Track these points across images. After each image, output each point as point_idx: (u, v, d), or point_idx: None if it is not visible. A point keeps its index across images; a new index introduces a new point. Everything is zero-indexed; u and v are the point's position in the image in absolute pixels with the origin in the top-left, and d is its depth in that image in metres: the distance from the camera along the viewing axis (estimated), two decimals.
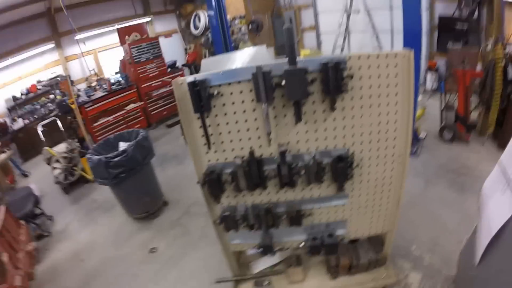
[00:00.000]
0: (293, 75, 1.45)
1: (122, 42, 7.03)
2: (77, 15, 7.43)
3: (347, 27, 7.11)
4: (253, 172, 1.68)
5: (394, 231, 2.13)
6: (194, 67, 8.26)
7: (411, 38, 3.42)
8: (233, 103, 1.63)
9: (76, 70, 7.98)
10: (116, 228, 3.90)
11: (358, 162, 1.75)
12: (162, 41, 7.64)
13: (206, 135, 1.66)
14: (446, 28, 6.56)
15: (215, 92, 1.58)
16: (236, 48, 7.61)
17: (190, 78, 1.55)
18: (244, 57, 1.90)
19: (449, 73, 4.47)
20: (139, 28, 7.49)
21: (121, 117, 6.54)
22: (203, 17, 8.62)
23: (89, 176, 4.98)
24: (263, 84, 1.48)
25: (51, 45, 7.43)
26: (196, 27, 8.94)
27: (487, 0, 4.93)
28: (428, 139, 4.47)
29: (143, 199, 3.76)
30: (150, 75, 7.08)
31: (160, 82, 7.18)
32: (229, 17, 7.86)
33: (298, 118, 1.54)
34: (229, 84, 1.59)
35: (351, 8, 6.84)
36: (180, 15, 9.72)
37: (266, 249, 2.01)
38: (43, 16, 7.18)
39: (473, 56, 5.25)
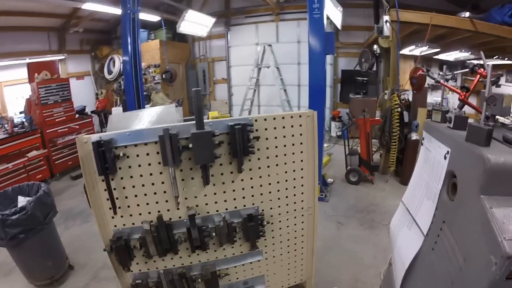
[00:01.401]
0: (200, 138, 1.45)
1: (31, 79, 6.35)
2: None
3: (257, 81, 7.76)
4: (162, 237, 1.57)
5: (313, 278, 2.18)
6: (103, 114, 7.84)
7: (316, 91, 3.82)
8: (139, 165, 1.54)
9: None
10: None
11: (269, 219, 1.78)
12: (73, 83, 7.18)
13: (112, 199, 1.53)
14: (348, 81, 7.60)
15: (121, 154, 1.49)
16: (148, 97, 7.56)
17: (95, 137, 1.45)
18: (152, 116, 1.85)
19: (351, 122, 5.08)
20: (51, 66, 6.88)
21: (21, 165, 5.67)
22: (118, 62, 8.43)
23: None
24: (170, 146, 1.45)
25: None
26: (110, 72, 8.66)
27: (384, 55, 5.87)
28: (335, 183, 4.87)
29: (46, 263, 3.23)
30: (57, 119, 6.42)
31: (66, 129, 6.57)
32: (143, 65, 7.84)
33: (206, 181, 1.52)
34: (135, 145, 1.52)
35: (262, 63, 7.51)
36: (95, 57, 9.32)
37: None
38: None
39: (372, 105, 6.11)
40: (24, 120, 6.14)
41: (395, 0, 4.75)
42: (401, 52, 5.26)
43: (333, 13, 5.42)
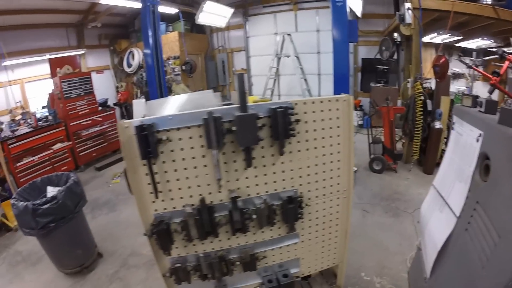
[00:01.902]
0: (244, 121, 1.47)
1: (53, 74, 6.48)
2: (8, 38, 6.70)
3: (277, 70, 7.69)
4: (204, 220, 1.61)
5: (345, 262, 2.21)
6: (125, 107, 7.94)
7: (341, 80, 3.79)
8: (182, 149, 1.57)
9: (0, 100, 7.03)
10: (46, 284, 3.32)
11: (307, 201, 1.80)
12: (93, 77, 7.25)
13: (153, 183, 1.56)
14: (368, 69, 7.46)
15: (164, 138, 1.51)
16: (169, 88, 7.58)
17: (136, 122, 1.46)
18: (191, 100, 1.88)
19: (375, 110, 5.01)
20: (72, 61, 7.00)
21: (46, 158, 5.82)
22: (137, 55, 8.47)
23: (12, 223, 4.27)
24: (214, 129, 1.46)
25: None
26: (129, 65, 8.73)
27: (405, 43, 5.75)
28: (359, 172, 4.84)
29: (76, 252, 3.31)
30: (80, 112, 6.57)
31: (90, 121, 6.70)
32: (164, 57, 7.92)
33: (248, 163, 1.55)
34: (178, 129, 1.54)
35: (281, 52, 7.45)
36: (114, 51, 9.42)
37: None
38: None
39: (394, 94, 6.00)
40: (47, 114, 6.28)
41: None
42: (422, 40, 5.14)
43: (354, 1, 5.31)
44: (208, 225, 1.63)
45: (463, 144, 1.58)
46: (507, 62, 1.72)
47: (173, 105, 1.86)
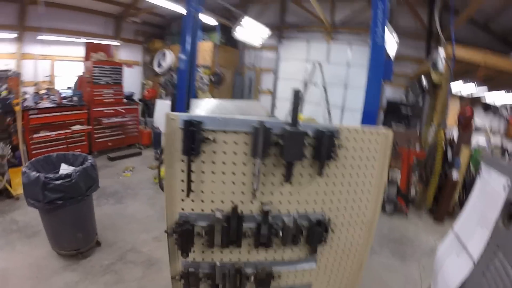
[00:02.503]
0: (294, 136, 1.48)
1: (87, 57, 6.69)
2: (49, 14, 6.85)
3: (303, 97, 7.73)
4: (232, 228, 1.59)
5: None
6: (147, 104, 8.07)
7: (369, 117, 3.80)
8: (224, 152, 1.57)
9: (29, 71, 7.13)
10: (37, 260, 3.26)
11: (332, 227, 1.78)
12: (124, 69, 7.44)
13: (188, 181, 1.55)
14: (392, 110, 7.51)
15: (210, 137, 1.51)
16: (195, 96, 7.74)
17: (185, 116, 1.48)
18: (238, 107, 1.91)
19: (395, 151, 5.00)
20: (107, 49, 7.23)
21: (63, 136, 5.93)
22: (169, 57, 8.65)
23: (14, 191, 4.29)
24: (262, 139, 1.47)
25: (12, 35, 6.65)
26: (159, 65, 8.91)
27: (432, 90, 5.80)
28: None
29: (76, 235, 3.26)
30: (105, 100, 6.71)
31: (113, 111, 6.82)
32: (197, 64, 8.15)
33: (288, 179, 1.55)
34: (225, 132, 1.54)
35: (311, 79, 7.55)
36: (147, 48, 9.69)
37: None
38: (15, 1, 6.52)
39: (415, 137, 5.99)
40: (73, 94, 6.42)
41: (450, 31, 4.68)
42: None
43: (389, 41, 5.41)
44: (234, 234, 1.61)
45: (489, 190, 1.61)
46: None
47: (219, 107, 1.89)
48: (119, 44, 8.78)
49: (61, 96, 6.23)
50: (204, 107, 1.91)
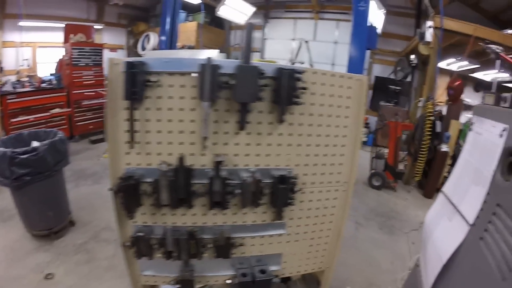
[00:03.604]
0: (245, 72, 1.28)
1: (66, 40, 6.45)
2: (29, 0, 6.70)
3: None
4: (179, 183, 1.38)
5: (333, 268, 1.94)
6: None
7: None
8: (170, 97, 1.36)
9: (10, 59, 6.95)
10: (11, 242, 3.19)
11: (301, 186, 1.57)
12: (107, 54, 7.24)
13: (132, 130, 1.35)
14: (380, 88, 7.36)
15: (153, 80, 1.32)
16: None
17: (128, 59, 1.30)
18: (192, 55, 1.69)
19: (382, 124, 4.84)
20: (87, 30, 6.95)
21: (43, 120, 5.77)
22: (153, 39, 8.45)
23: None
24: (210, 78, 1.27)
25: None
26: (143, 48, 8.69)
27: (421, 66, 5.63)
28: (357, 185, 4.65)
29: (46, 213, 3.16)
30: (85, 82, 6.47)
31: (93, 93, 6.59)
32: (178, 44, 7.91)
33: (242, 125, 1.33)
34: (171, 74, 1.35)
35: (296, 57, 7.34)
36: (131, 32, 9.45)
37: (185, 284, 1.64)
38: None
39: (404, 113, 5.83)
40: (52, 77, 6.20)
41: (439, 7, 4.52)
42: (438, 65, 5.01)
43: (375, 16, 5.22)
44: (182, 190, 1.40)
45: (483, 143, 1.41)
46: None
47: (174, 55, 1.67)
48: (101, 27, 8.47)
49: (41, 79, 6.07)
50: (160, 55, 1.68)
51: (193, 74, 1.33)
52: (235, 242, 1.61)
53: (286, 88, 1.33)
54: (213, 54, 1.85)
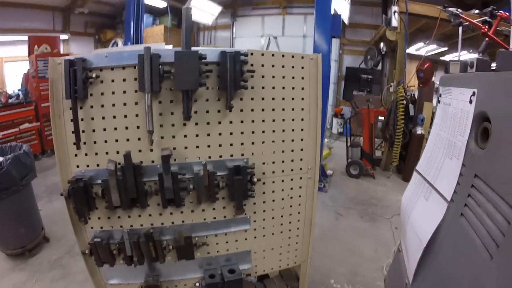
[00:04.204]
0: (185, 59, 1.21)
1: (31, 52, 6.26)
2: None
3: None
4: (128, 182, 1.30)
5: (308, 262, 1.88)
6: None
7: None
8: (113, 92, 1.30)
9: None
10: None
11: (260, 176, 1.51)
12: None
13: (77, 130, 1.28)
14: (352, 79, 7.44)
15: (94, 75, 1.26)
16: None
17: (69, 57, 1.25)
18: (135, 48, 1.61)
19: (354, 112, 4.85)
20: (51, 40, 6.75)
21: (12, 136, 5.53)
22: (120, 45, 8.34)
23: None
24: (149, 68, 1.21)
25: None
26: None
27: (390, 54, 5.69)
28: (335, 176, 4.65)
29: (18, 230, 3.05)
30: None
31: None
32: None
33: (186, 114, 1.26)
34: (112, 69, 1.29)
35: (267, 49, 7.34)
36: (98, 40, 9.30)
37: None
38: None
39: (376, 102, 5.89)
40: (19, 92, 5.99)
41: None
42: (407, 51, 5.08)
43: (341, 6, 5.24)
44: (133, 189, 1.32)
45: (453, 113, 1.33)
46: (498, 18, 1.85)
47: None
48: (67, 37, 8.26)
49: (8, 95, 5.85)
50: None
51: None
52: (197, 241, 1.53)
53: (231, 72, 1.27)
54: (160, 46, 1.77)
